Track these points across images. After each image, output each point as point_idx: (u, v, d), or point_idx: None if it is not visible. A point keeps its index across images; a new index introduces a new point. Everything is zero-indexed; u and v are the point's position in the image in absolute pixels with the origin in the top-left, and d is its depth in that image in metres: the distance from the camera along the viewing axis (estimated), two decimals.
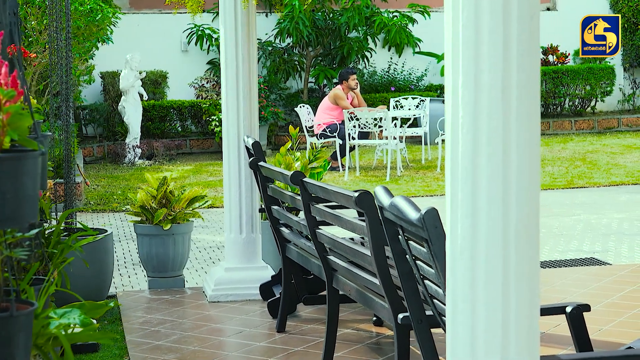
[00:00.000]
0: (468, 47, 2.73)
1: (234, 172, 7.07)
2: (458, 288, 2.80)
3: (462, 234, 2.78)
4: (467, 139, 2.75)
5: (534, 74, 2.75)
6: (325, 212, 4.90)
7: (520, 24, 2.71)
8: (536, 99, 2.76)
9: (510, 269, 2.75)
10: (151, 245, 7.31)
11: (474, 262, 2.76)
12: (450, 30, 2.77)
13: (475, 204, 2.75)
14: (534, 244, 2.79)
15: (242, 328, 6.34)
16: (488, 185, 2.73)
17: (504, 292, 2.75)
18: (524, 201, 2.75)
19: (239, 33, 6.97)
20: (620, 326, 6.18)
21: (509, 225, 2.74)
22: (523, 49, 2.71)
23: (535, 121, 2.76)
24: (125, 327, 6.40)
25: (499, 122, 2.71)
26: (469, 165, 2.75)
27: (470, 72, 2.73)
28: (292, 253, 6.02)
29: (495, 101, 2.71)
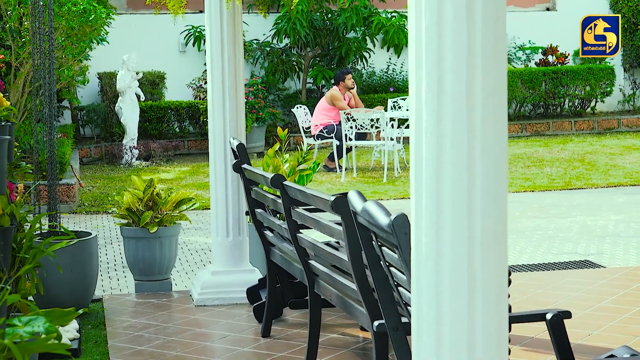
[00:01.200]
0: (431, 50, 2.64)
1: (220, 175, 7.00)
2: (423, 297, 2.72)
3: (426, 241, 2.70)
4: (430, 144, 2.66)
5: (500, 77, 2.67)
6: (305, 216, 4.82)
7: (485, 26, 2.62)
8: (503, 103, 2.67)
9: (476, 278, 2.67)
10: (137, 248, 7.23)
11: (438, 271, 2.68)
12: (414, 32, 2.69)
13: (440, 211, 2.67)
14: (501, 251, 2.71)
15: (227, 333, 6.25)
16: (452, 191, 2.65)
17: (470, 302, 2.67)
18: (490, 208, 2.66)
19: (225, 33, 6.90)
20: (610, 331, 6.09)
21: (475, 233, 2.66)
22: (488, 52, 2.63)
23: (502, 126, 2.68)
24: (108, 331, 6.32)
25: (462, 126, 2.63)
26: (432, 171, 2.67)
27: (433, 75, 2.64)
28: (276, 257, 5.94)
29: (459, 105, 2.63)
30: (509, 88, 18.70)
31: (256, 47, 18.64)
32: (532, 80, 18.88)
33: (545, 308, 6.52)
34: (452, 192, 2.65)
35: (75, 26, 12.15)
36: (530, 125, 19.02)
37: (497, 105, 2.66)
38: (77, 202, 12.37)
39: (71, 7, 11.99)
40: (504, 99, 2.68)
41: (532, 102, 19.15)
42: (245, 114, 16.90)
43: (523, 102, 19.17)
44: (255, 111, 17.12)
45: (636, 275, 7.63)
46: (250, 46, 18.54)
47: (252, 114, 17.05)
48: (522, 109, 19.39)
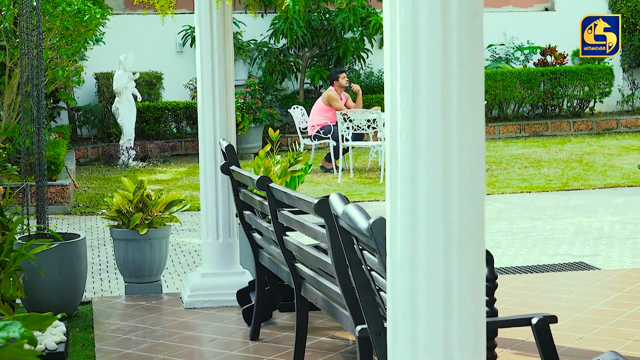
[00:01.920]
0: (406, 49, 2.58)
1: (210, 176, 6.94)
2: (398, 301, 2.66)
3: (401, 244, 2.64)
4: (405, 146, 2.60)
5: (477, 76, 2.60)
6: (290, 219, 4.76)
7: (461, 24, 2.56)
8: (479, 103, 2.61)
9: (452, 282, 2.61)
10: (127, 250, 7.17)
11: (414, 274, 2.62)
12: (389, 31, 2.63)
13: (415, 214, 2.60)
14: (478, 254, 2.64)
15: (215, 336, 6.19)
16: (428, 194, 2.59)
17: (446, 306, 2.60)
18: (467, 211, 2.60)
19: (215, 33, 6.84)
20: (602, 334, 6.03)
21: (451, 236, 2.60)
22: (464, 51, 2.57)
23: (479, 127, 2.61)
24: (96, 334, 6.26)
25: (438, 127, 2.57)
26: (407, 173, 2.60)
27: (408, 75, 2.58)
28: (265, 259, 5.88)
29: (434, 106, 2.57)
30: (508, 88, 18.64)
31: (254, 47, 18.58)
32: (530, 81, 18.82)
33: (533, 312, 6.47)
34: (427, 194, 2.59)
35: (70, 26, 12.09)
36: (529, 126, 18.95)
37: (473, 105, 2.60)
38: (72, 203, 12.31)
39: (65, 7, 11.93)
40: (480, 99, 2.62)
41: (530, 102, 19.09)
42: (243, 115, 16.98)
43: (521, 103, 19.10)
44: (253, 112, 17.06)
45: (630, 277, 7.57)
46: (248, 46, 18.49)
47: (250, 115, 17.00)
48: (520, 109, 19.33)
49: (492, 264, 4.28)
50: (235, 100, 16.95)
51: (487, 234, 9.94)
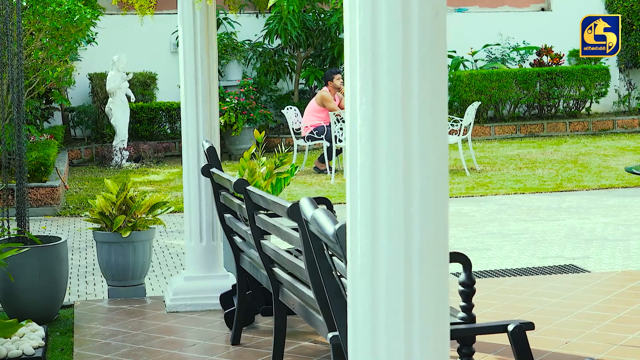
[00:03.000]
0: (365, 50, 2.50)
1: (193, 178, 6.85)
2: (358, 310, 2.57)
3: (361, 252, 2.55)
4: (365, 150, 2.51)
5: (440, 78, 2.51)
6: (267, 222, 4.68)
7: (422, 23, 2.47)
8: (442, 107, 2.52)
9: (413, 292, 2.52)
10: (110, 253, 7.09)
11: (374, 284, 2.53)
12: (348, 31, 2.54)
13: (375, 222, 2.52)
14: (441, 263, 2.56)
15: (196, 340, 6.11)
16: (388, 201, 2.50)
17: (407, 317, 2.52)
18: (429, 218, 2.52)
19: (198, 34, 6.75)
20: (588, 339, 5.94)
21: (412, 245, 2.51)
22: (426, 52, 2.48)
23: (441, 131, 2.53)
24: (75, 339, 6.18)
25: (399, 132, 2.48)
26: (368, 180, 2.52)
27: (368, 77, 2.50)
28: (245, 263, 5.80)
29: (394, 110, 2.48)
30: (504, 89, 18.54)
31: (248, 47, 18.49)
32: (526, 81, 18.72)
33: (519, 315, 6.39)
34: (388, 201, 2.51)
35: (60, 27, 12.01)
36: (525, 127, 18.86)
37: (436, 108, 2.51)
38: (62, 205, 12.23)
39: (55, 7, 11.85)
40: (443, 102, 2.53)
41: (526, 102, 18.99)
42: (237, 115, 16.89)
43: (517, 103, 19.01)
44: (247, 112, 16.97)
45: (619, 280, 7.49)
46: (242, 46, 18.40)
47: (244, 115, 16.91)
48: (516, 109, 19.24)
49: (470, 269, 4.20)
50: (229, 100, 16.99)
51: (478, 236, 9.86)
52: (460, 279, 4.21)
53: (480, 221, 10.69)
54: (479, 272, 8.15)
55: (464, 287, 4.17)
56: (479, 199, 12.27)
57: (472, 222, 10.64)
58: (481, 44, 19.46)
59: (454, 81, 18.61)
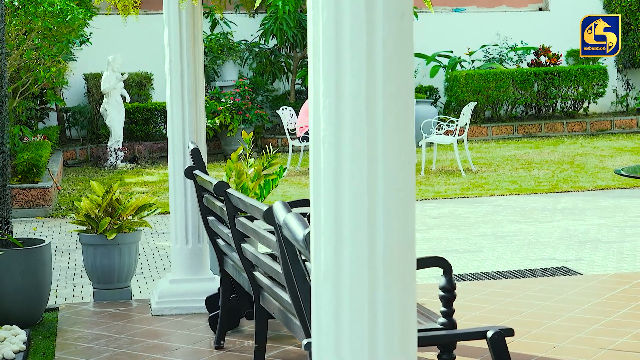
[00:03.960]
0: (328, 52, 2.42)
1: (179, 180, 6.77)
2: (322, 318, 2.50)
3: (325, 260, 2.47)
4: (329, 154, 2.44)
5: (405, 81, 2.44)
6: (246, 226, 4.60)
7: (387, 24, 2.40)
8: (407, 110, 2.45)
9: (377, 300, 2.44)
10: (96, 255, 7.01)
11: (337, 291, 2.46)
12: (312, 31, 2.47)
13: (339, 228, 2.44)
14: (407, 270, 2.48)
15: (180, 344, 6.03)
16: (352, 207, 2.43)
17: (371, 325, 2.44)
18: (394, 224, 2.44)
19: (184, 34, 6.68)
20: (577, 343, 5.86)
21: (376, 253, 2.43)
22: (390, 53, 2.40)
23: (407, 135, 2.45)
24: (58, 342, 6.10)
25: (362, 136, 2.41)
26: (331, 186, 2.44)
27: (331, 79, 2.42)
28: (229, 266, 5.72)
29: (358, 112, 2.41)
30: (501, 89, 18.46)
31: (244, 47, 18.42)
32: (523, 81, 18.64)
33: (507, 319, 6.30)
34: (351, 207, 2.43)
35: (52, 27, 11.94)
36: (522, 127, 18.77)
37: (401, 111, 2.44)
38: (54, 206, 12.15)
39: (47, 7, 11.78)
40: (409, 104, 2.46)
41: (523, 103, 18.91)
42: (232, 116, 16.81)
43: (514, 104, 18.93)
44: (242, 112, 16.90)
45: (611, 283, 7.41)
46: (238, 47, 18.32)
47: (239, 116, 16.84)
48: (513, 110, 19.15)
49: (451, 274, 4.13)
50: (224, 101, 16.90)
51: (471, 237, 9.78)
52: (440, 284, 4.13)
53: (474, 222, 10.62)
54: (470, 274, 8.07)
55: (444, 292, 4.09)
56: (474, 200, 12.19)
57: (466, 224, 10.56)
58: (479, 44, 19.37)
59: (451, 81, 18.53)
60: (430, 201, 12.14)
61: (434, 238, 9.81)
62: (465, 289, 7.34)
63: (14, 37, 11.96)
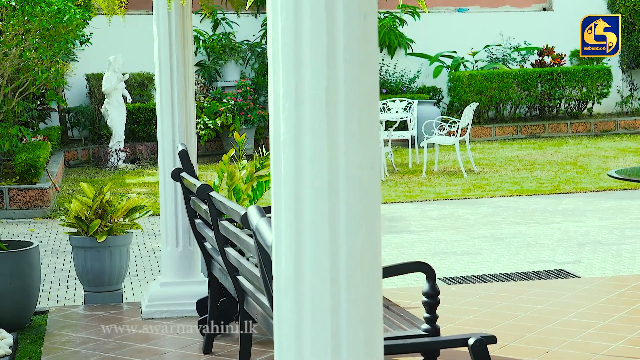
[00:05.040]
0: (288, 53, 2.34)
1: (169, 182, 6.70)
2: (283, 330, 2.42)
3: (286, 270, 2.39)
4: (289, 161, 2.36)
5: (369, 84, 2.35)
6: (228, 229, 4.53)
7: (348, 24, 2.31)
8: (371, 114, 2.36)
9: (340, 312, 2.36)
10: (86, 258, 6.94)
11: (299, 303, 2.38)
12: (271, 33, 2.39)
13: (299, 237, 2.36)
14: (371, 281, 2.40)
15: (168, 349, 5.96)
16: (313, 216, 2.34)
17: (334, 338, 2.36)
18: (357, 234, 2.35)
19: (173, 35, 6.61)
20: (570, 347, 5.77)
21: (339, 261, 2.35)
22: (352, 55, 2.32)
23: (370, 140, 2.36)
24: (45, 346, 6.03)
25: (323, 141, 2.32)
26: (291, 192, 2.36)
27: (290, 81, 2.34)
28: (216, 270, 5.65)
29: (318, 116, 2.32)
30: (504, 89, 18.36)
31: (246, 48, 18.35)
32: (527, 82, 18.54)
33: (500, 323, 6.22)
34: (312, 215, 2.34)
35: (49, 27, 11.86)
36: (525, 127, 18.67)
37: (364, 115, 2.35)
38: (52, 207, 12.10)
39: (45, 7, 11.70)
40: (373, 108, 2.37)
41: (527, 103, 18.81)
42: (234, 116, 16.74)
43: (518, 104, 18.82)
44: (244, 113, 16.83)
45: (608, 286, 7.32)
46: (240, 47, 18.25)
47: (241, 116, 16.77)
48: (517, 110, 19.05)
49: (434, 279, 4.04)
50: (226, 101, 16.82)
51: (470, 239, 9.69)
52: (423, 289, 4.05)
53: (474, 224, 10.53)
54: (467, 277, 7.99)
55: (427, 297, 4.01)
56: (475, 201, 12.10)
57: (465, 225, 10.47)
58: (482, 44, 19.27)
59: (454, 82, 18.44)
60: (431, 202, 12.05)
61: (432, 240, 9.73)
62: (461, 292, 7.26)
63: (12, 37, 11.90)
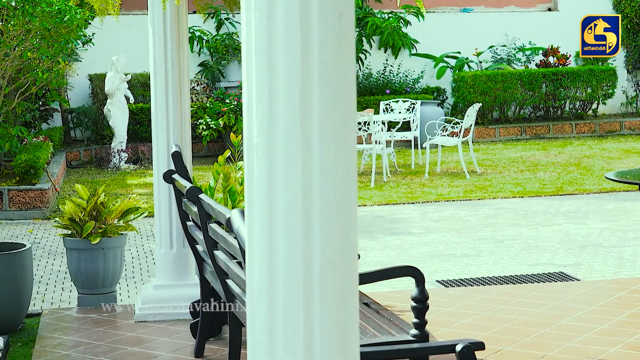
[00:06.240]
0: (261, 54, 2.27)
1: (163, 184, 6.62)
2: (256, 339, 2.35)
3: (259, 276, 2.33)
4: (262, 165, 2.29)
5: (345, 86, 2.29)
6: (216, 232, 4.46)
7: (322, 25, 2.25)
8: (346, 117, 2.30)
9: (314, 320, 2.29)
10: (80, 260, 6.89)
11: (271, 310, 2.31)
12: (245, 33, 2.32)
13: (273, 243, 2.30)
14: (346, 288, 2.33)
15: (159, 352, 5.89)
16: (286, 220, 2.28)
17: (307, 348, 2.29)
18: (332, 239, 2.29)
19: (168, 35, 6.55)
20: (567, 352, 5.70)
21: (312, 268, 2.28)
22: (327, 56, 2.26)
23: (348, 143, 2.30)
24: (35, 349, 5.97)
25: (297, 145, 2.26)
26: (264, 197, 2.30)
27: (264, 83, 2.27)
28: (207, 273, 5.58)
29: (292, 119, 2.26)
30: (509, 90, 18.28)
31: None
32: (531, 82, 18.45)
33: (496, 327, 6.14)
34: (285, 219, 2.28)
35: (50, 27, 11.83)
36: (530, 128, 18.58)
37: (339, 118, 2.28)
38: (52, 208, 12.05)
39: (45, 7, 11.67)
40: (349, 111, 2.30)
41: (531, 104, 18.72)
42: (236, 117, 16.67)
43: (522, 105, 18.74)
44: None
45: (608, 289, 7.24)
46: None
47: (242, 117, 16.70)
48: (521, 111, 18.96)
49: (423, 284, 3.97)
50: (229, 102, 16.76)
51: (470, 241, 9.62)
52: (412, 294, 3.98)
53: (475, 226, 10.46)
54: (465, 279, 7.91)
55: (416, 302, 3.94)
56: (477, 202, 12.03)
57: (467, 227, 10.40)
58: (486, 44, 19.19)
59: (459, 82, 18.37)
60: (432, 204, 11.98)
61: (432, 242, 9.65)
62: (458, 295, 7.19)
63: (12, 38, 11.86)
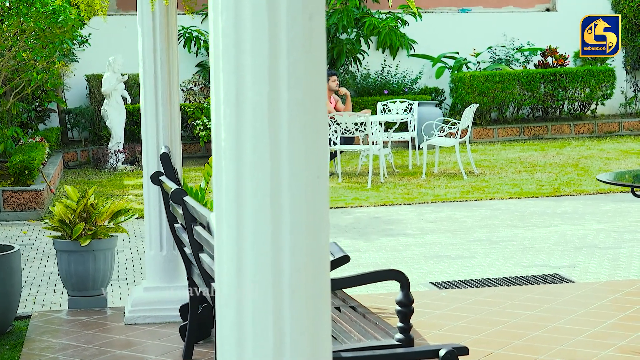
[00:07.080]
0: (228, 57, 2.23)
1: (153, 185, 6.57)
2: (225, 344, 2.31)
3: (227, 280, 2.28)
4: (230, 168, 2.25)
5: (315, 89, 2.24)
6: (200, 235, 4.42)
7: (291, 26, 2.20)
8: (319, 120, 2.25)
9: (284, 324, 2.25)
10: (70, 262, 6.84)
11: (240, 315, 2.27)
12: (212, 35, 2.28)
13: (241, 247, 2.25)
14: (318, 292, 2.29)
15: (148, 355, 5.85)
16: (254, 226, 2.23)
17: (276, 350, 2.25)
18: (302, 245, 2.24)
19: (157, 36, 6.51)
20: (558, 356, 5.65)
21: (282, 274, 2.24)
22: (296, 58, 2.21)
23: (318, 148, 2.25)
24: (23, 352, 5.93)
25: (265, 149, 2.21)
26: (232, 201, 2.25)
27: (231, 86, 2.23)
28: (195, 276, 5.54)
29: (260, 123, 2.21)
30: (507, 90, 18.23)
31: None
32: (530, 83, 18.40)
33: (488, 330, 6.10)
34: (254, 225, 2.24)
35: (44, 27, 11.79)
36: (528, 129, 18.53)
37: (309, 122, 2.24)
38: (46, 209, 12.00)
39: (39, 7, 11.63)
40: (319, 114, 2.26)
41: (530, 104, 18.67)
42: None
43: (521, 105, 18.68)
44: None
45: (602, 291, 7.20)
46: None
47: None
48: (520, 111, 18.91)
49: (408, 287, 3.93)
50: None
51: (465, 242, 9.57)
52: (397, 298, 3.93)
53: (471, 227, 10.41)
54: (458, 281, 7.87)
55: (401, 306, 3.89)
56: (473, 203, 11.98)
57: (462, 228, 10.35)
58: (485, 45, 19.14)
59: (457, 83, 18.32)
60: (429, 205, 11.93)
61: (427, 243, 9.61)
62: (451, 297, 7.14)
63: (7, 38, 11.82)
